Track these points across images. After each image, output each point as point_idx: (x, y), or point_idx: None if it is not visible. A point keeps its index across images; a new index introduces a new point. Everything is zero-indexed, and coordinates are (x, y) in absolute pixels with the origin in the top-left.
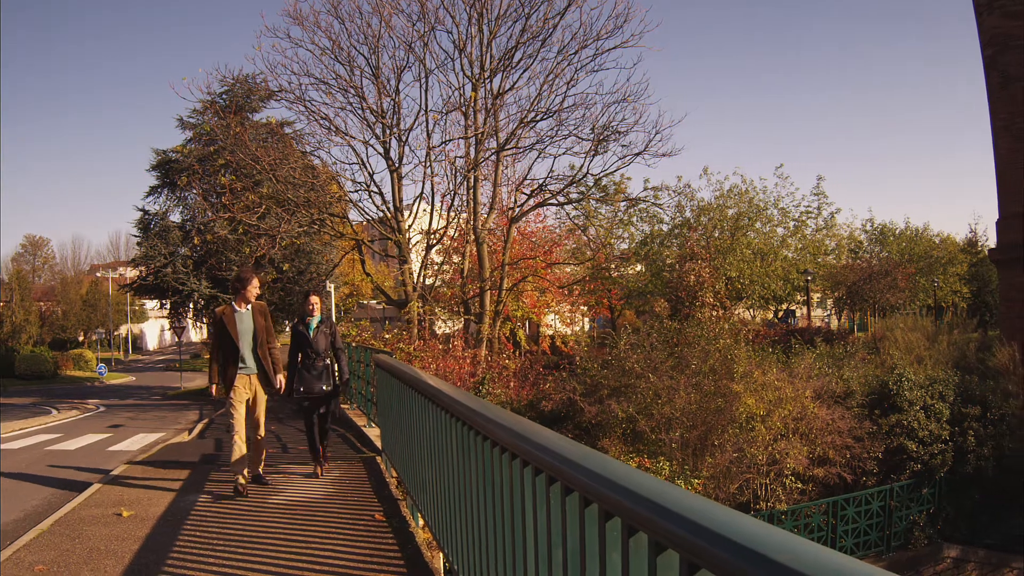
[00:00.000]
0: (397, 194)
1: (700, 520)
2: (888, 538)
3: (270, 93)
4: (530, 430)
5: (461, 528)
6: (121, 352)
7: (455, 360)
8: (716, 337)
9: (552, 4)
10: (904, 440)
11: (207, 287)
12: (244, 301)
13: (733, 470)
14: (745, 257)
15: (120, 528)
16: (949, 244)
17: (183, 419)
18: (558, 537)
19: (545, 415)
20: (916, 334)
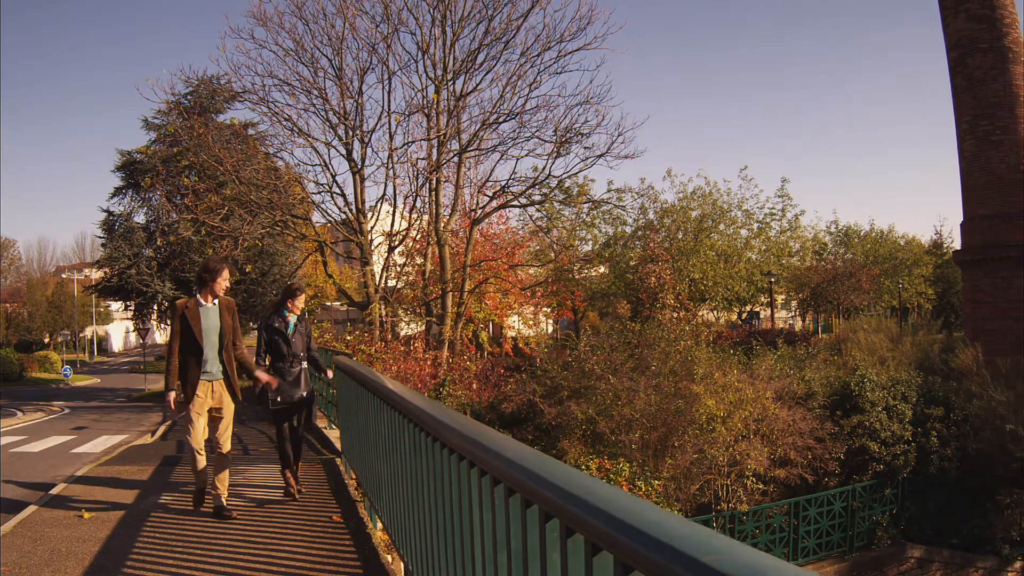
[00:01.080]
0: (359, 196)
1: (632, 521)
2: (851, 538)
3: (234, 94)
4: (477, 431)
5: (415, 529)
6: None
7: (416, 362)
8: (677, 339)
9: (516, 6)
10: (866, 441)
11: (171, 289)
12: (211, 295)
13: (694, 471)
14: (709, 259)
15: (82, 530)
16: (914, 246)
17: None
18: (503, 538)
19: (506, 416)
20: (879, 335)
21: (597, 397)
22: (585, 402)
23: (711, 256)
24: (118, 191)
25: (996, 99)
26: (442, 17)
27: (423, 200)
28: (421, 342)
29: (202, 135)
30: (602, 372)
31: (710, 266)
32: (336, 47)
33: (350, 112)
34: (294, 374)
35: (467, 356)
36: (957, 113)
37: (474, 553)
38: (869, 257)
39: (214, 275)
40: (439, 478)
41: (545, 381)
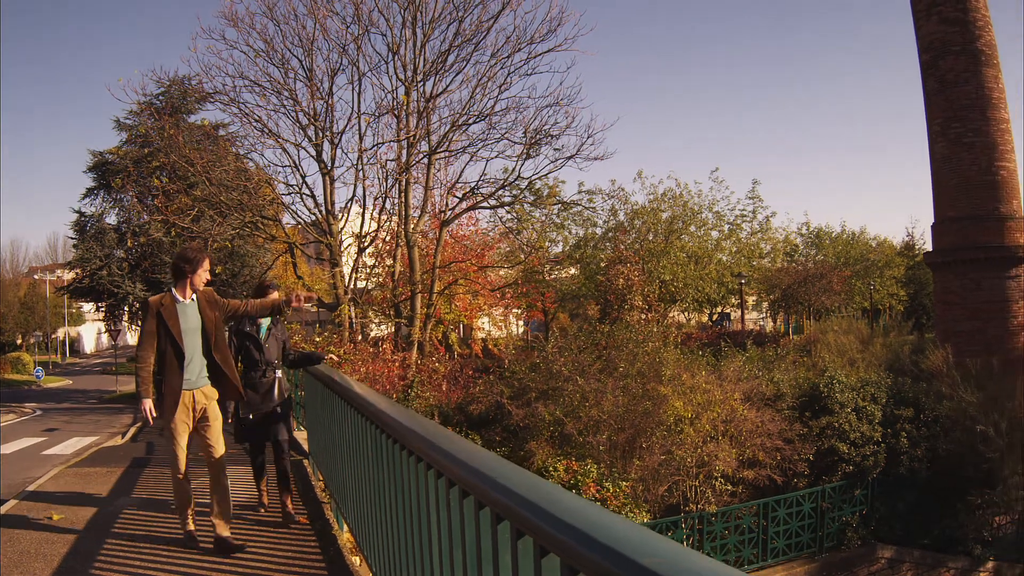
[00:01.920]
0: (329, 197)
1: (577, 524)
2: (821, 539)
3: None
4: (433, 433)
5: (379, 531)
6: (59, 355)
7: (384, 363)
8: (645, 340)
9: (486, 7)
10: (835, 442)
11: (142, 290)
12: (190, 289)
13: (662, 472)
14: (679, 260)
15: (51, 531)
16: (886, 247)
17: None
18: (459, 539)
19: (474, 418)
20: (849, 336)
21: (565, 398)
22: (553, 403)
23: (681, 257)
24: (90, 192)
25: (968, 101)
26: (413, 18)
27: (392, 201)
28: (390, 343)
29: (172, 136)
30: (570, 373)
31: (680, 267)
32: (307, 48)
33: (320, 113)
34: (266, 384)
35: (436, 358)
36: (929, 115)
37: (432, 554)
38: (840, 259)
39: (193, 265)
40: (399, 480)
41: (513, 383)
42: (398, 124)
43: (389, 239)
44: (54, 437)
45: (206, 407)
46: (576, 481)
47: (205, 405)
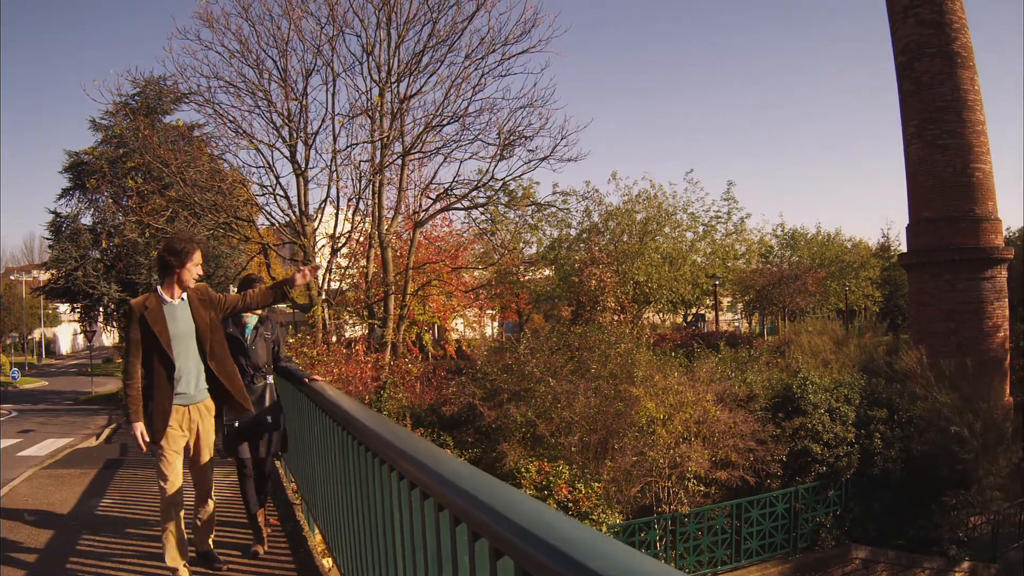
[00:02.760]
0: (303, 198)
1: (529, 527)
2: (794, 540)
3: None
4: (394, 434)
5: (347, 532)
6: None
7: (357, 364)
8: (617, 341)
9: (461, 9)
10: (808, 443)
11: (116, 291)
12: (178, 287)
13: (634, 473)
14: (653, 261)
15: (24, 533)
16: (861, 249)
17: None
18: (420, 541)
19: (446, 419)
20: (823, 338)
21: (536, 400)
22: (525, 405)
23: (656, 259)
24: (66, 192)
25: (944, 103)
26: (387, 19)
27: (366, 202)
28: (363, 345)
29: (147, 136)
30: (541, 375)
31: (655, 269)
32: (282, 48)
33: (294, 114)
34: (256, 392)
35: (409, 359)
36: (904, 117)
37: (397, 557)
38: (815, 260)
39: (182, 259)
40: (364, 481)
41: (485, 384)
42: (372, 125)
43: (363, 240)
44: (29, 439)
45: (200, 424)
46: (548, 482)
47: (199, 421)
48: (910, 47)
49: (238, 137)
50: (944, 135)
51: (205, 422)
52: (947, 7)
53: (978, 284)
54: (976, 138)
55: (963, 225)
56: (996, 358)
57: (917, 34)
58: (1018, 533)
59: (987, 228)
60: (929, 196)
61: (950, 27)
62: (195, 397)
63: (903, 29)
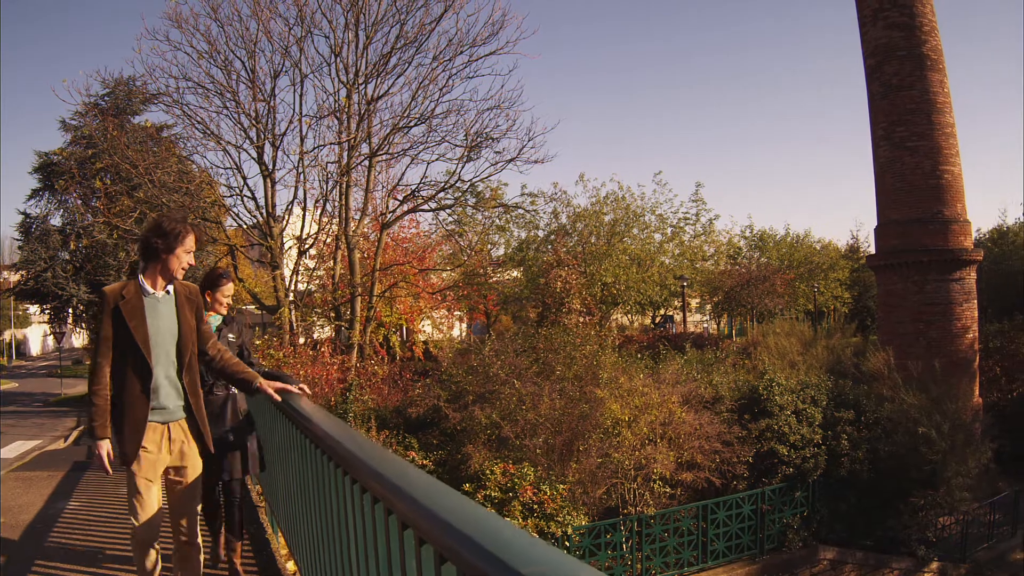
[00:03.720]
0: (270, 199)
1: (469, 533)
2: (761, 541)
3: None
4: (347, 438)
5: (307, 535)
6: (4, 358)
7: (323, 366)
8: (582, 343)
9: (429, 10)
10: (775, 444)
11: (85, 292)
12: (162, 277)
13: (599, 475)
14: (621, 263)
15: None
16: (830, 250)
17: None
18: (372, 545)
19: (412, 421)
20: (791, 339)
21: (501, 402)
22: (489, 407)
23: (624, 260)
24: (35, 193)
25: (913, 105)
26: (355, 20)
27: (333, 204)
28: (328, 346)
29: (115, 137)
30: (507, 377)
31: (622, 270)
32: (250, 49)
33: (262, 115)
34: (214, 404)
35: (375, 361)
36: (872, 119)
37: (351, 559)
38: (784, 261)
39: (171, 242)
40: (319, 483)
41: (451, 386)
42: (340, 126)
43: (330, 241)
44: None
45: (184, 445)
46: (513, 484)
47: (183, 444)
48: (879, 50)
49: (206, 138)
50: (913, 137)
51: (190, 444)
52: (917, 10)
53: (947, 285)
54: (945, 140)
55: (932, 227)
56: (965, 359)
57: (887, 37)
58: (988, 533)
59: (956, 230)
60: (897, 198)
61: (920, 30)
62: (174, 414)
63: (873, 32)
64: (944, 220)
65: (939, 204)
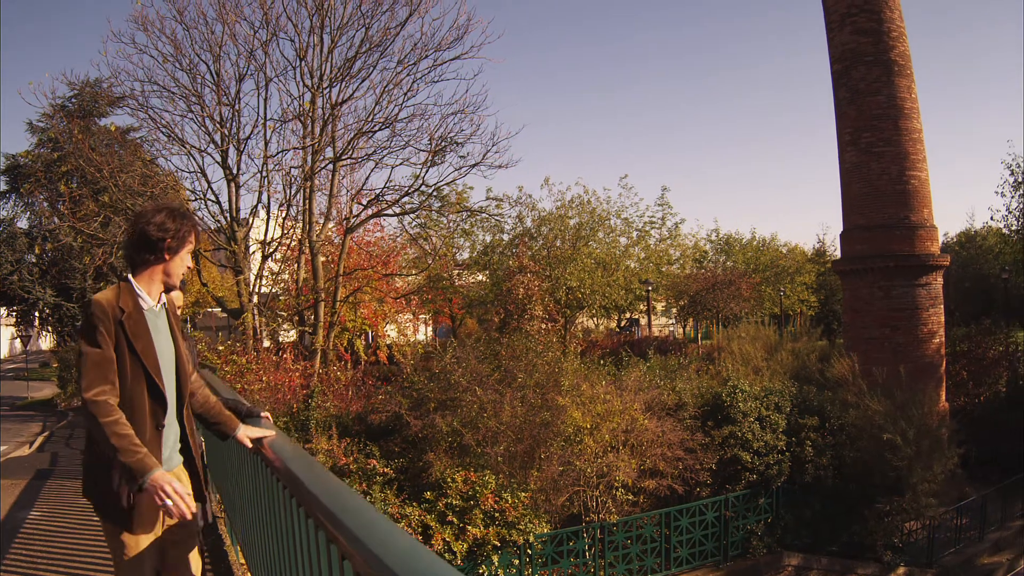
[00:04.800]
0: (234, 203)
1: (383, 556)
2: (725, 547)
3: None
4: (295, 461)
5: (261, 550)
6: None
7: (286, 373)
8: (545, 350)
9: (394, 14)
10: (738, 451)
11: (52, 295)
12: (161, 285)
13: (561, 483)
14: (586, 267)
15: None
16: (797, 254)
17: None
18: (318, 571)
19: (374, 428)
20: (755, 345)
21: (463, 409)
22: (451, 414)
23: (589, 264)
24: (2, 195)
25: (880, 111)
26: (320, 24)
27: (297, 208)
28: (291, 353)
29: (80, 141)
30: (468, 384)
31: (587, 274)
32: (215, 53)
33: (227, 119)
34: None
35: (337, 367)
36: (839, 124)
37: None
38: (750, 265)
39: (175, 241)
40: (271, 505)
41: (412, 393)
42: (304, 131)
43: (294, 245)
44: None
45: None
46: (474, 492)
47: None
48: (847, 55)
49: (170, 142)
50: (880, 143)
51: (188, 490)
52: (886, 16)
53: (913, 291)
54: (912, 146)
55: (898, 232)
56: (932, 364)
57: (854, 42)
58: (955, 538)
59: (922, 235)
60: (864, 203)
61: (888, 35)
62: (171, 460)
63: (840, 37)
64: (911, 226)
65: (905, 210)
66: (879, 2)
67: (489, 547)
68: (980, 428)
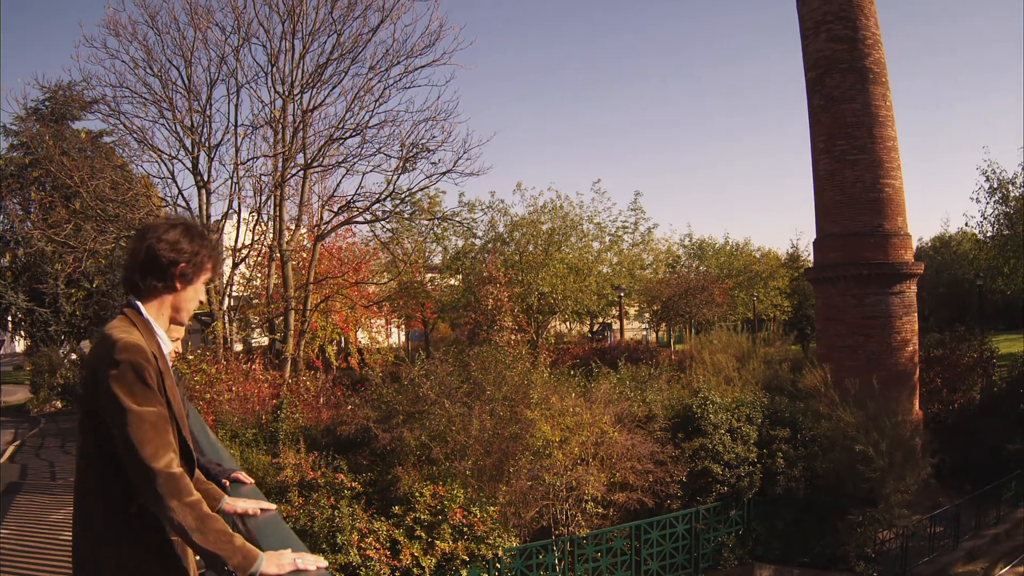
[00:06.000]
0: (205, 210)
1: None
2: (696, 560)
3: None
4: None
5: None
6: None
7: (255, 383)
8: (513, 362)
9: (366, 20)
10: (709, 463)
11: (24, 300)
12: (176, 322)
13: (530, 496)
14: (558, 272)
15: None
16: (770, 259)
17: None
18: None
19: (343, 441)
20: (727, 353)
21: (431, 422)
22: (419, 427)
23: (561, 269)
24: None
25: (854, 119)
26: (292, 30)
27: (268, 215)
28: (259, 362)
29: (51, 147)
30: (436, 397)
31: (560, 280)
32: (187, 58)
33: (198, 124)
34: None
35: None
36: (813, 131)
37: None
38: (723, 270)
39: (194, 267)
40: None
41: (380, 405)
42: (275, 137)
43: (265, 252)
44: None
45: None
46: (443, 507)
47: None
48: (821, 62)
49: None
50: (854, 150)
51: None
52: (861, 23)
53: (887, 299)
54: (887, 153)
55: (872, 240)
56: (905, 372)
57: (829, 49)
58: (929, 547)
59: (896, 243)
60: (837, 211)
61: (863, 43)
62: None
63: (815, 44)
64: (884, 234)
65: (879, 217)
66: (855, 9)
67: (458, 562)
68: (954, 435)
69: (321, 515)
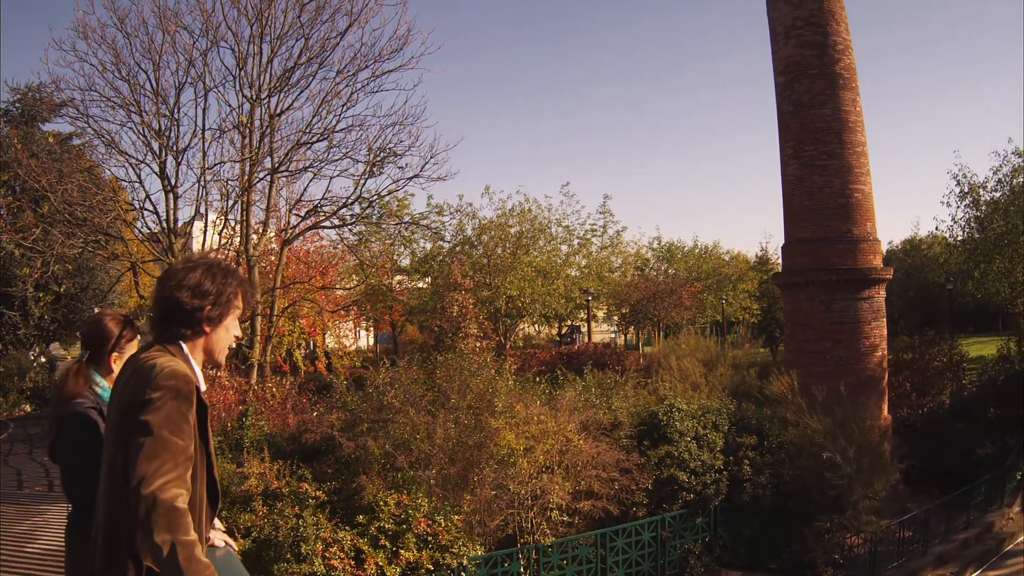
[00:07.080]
0: (172, 215)
1: None
2: (662, 567)
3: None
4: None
5: None
6: None
7: (220, 390)
8: (479, 369)
9: (334, 24)
10: (675, 471)
11: None
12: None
13: (495, 505)
14: (526, 276)
15: None
16: (739, 262)
17: None
18: None
19: (308, 448)
20: (694, 359)
21: (396, 430)
22: (384, 435)
23: (529, 272)
24: None
25: (824, 124)
26: (260, 34)
27: (235, 219)
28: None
29: (18, 150)
30: (401, 405)
31: (528, 283)
32: (155, 61)
33: (165, 128)
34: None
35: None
36: (782, 137)
37: None
38: (692, 273)
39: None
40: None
41: (344, 413)
42: (243, 141)
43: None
44: None
45: None
46: (407, 516)
47: None
48: (791, 68)
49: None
50: (823, 156)
51: None
52: (831, 29)
53: (856, 304)
54: (856, 159)
55: (840, 246)
56: (874, 377)
57: (799, 55)
58: (898, 551)
59: (865, 248)
60: (806, 216)
61: (833, 49)
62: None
63: (784, 49)
64: (853, 239)
65: (848, 223)
66: (825, 15)
67: (423, 571)
68: (924, 440)
69: (285, 525)
